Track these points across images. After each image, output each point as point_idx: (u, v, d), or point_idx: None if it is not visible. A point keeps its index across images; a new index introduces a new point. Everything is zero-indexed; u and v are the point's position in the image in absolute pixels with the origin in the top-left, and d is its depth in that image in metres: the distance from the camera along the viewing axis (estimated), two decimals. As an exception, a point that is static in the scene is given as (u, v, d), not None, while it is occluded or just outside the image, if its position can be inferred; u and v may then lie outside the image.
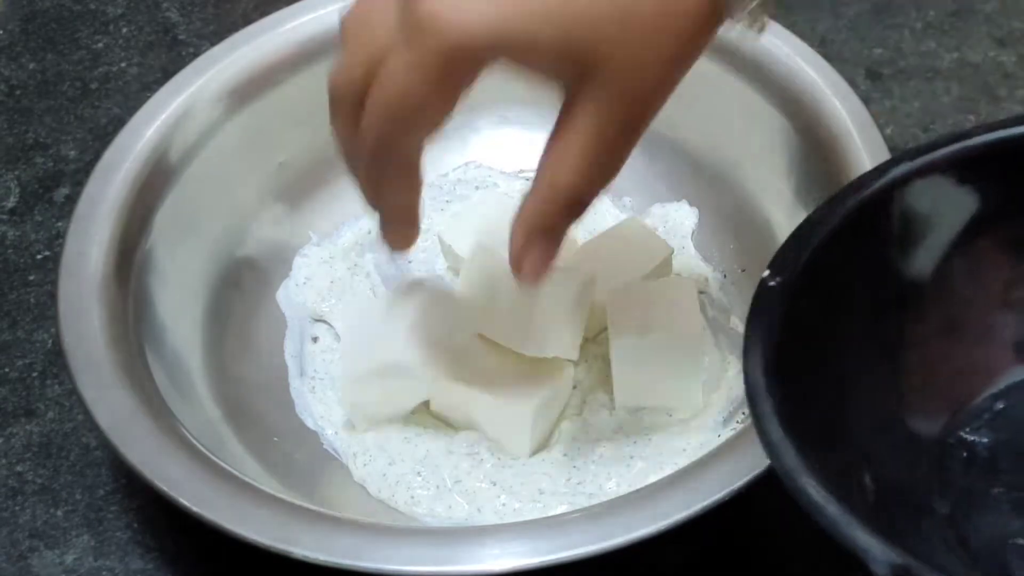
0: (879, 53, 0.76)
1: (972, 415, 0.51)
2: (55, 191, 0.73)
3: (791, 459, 0.43)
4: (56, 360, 0.65)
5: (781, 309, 0.47)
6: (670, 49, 0.48)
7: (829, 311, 0.48)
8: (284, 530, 0.52)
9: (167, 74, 0.69)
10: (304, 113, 0.68)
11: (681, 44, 0.48)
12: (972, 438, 0.51)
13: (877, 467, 0.48)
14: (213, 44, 0.69)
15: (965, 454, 0.51)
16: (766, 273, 0.48)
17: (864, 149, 0.61)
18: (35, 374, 0.66)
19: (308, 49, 0.69)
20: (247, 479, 0.55)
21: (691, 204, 0.68)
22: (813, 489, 0.42)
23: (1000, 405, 0.51)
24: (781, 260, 0.48)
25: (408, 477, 0.59)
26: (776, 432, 0.43)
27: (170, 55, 0.80)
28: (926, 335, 0.51)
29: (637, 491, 0.54)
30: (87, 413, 0.56)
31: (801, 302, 0.47)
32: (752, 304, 0.47)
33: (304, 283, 0.67)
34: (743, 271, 0.65)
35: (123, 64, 0.80)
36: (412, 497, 0.59)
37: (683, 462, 0.57)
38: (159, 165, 0.64)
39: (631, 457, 0.59)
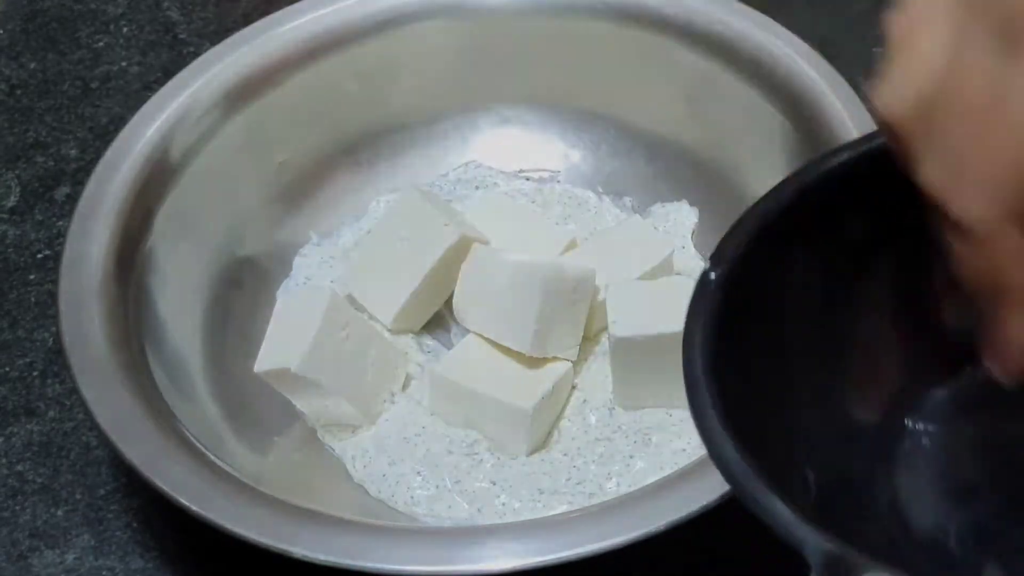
0: (881, 52, 0.75)
1: (915, 404, 0.51)
2: (56, 190, 0.73)
3: (729, 452, 0.42)
4: (56, 359, 0.65)
5: (720, 301, 0.46)
6: None
7: (768, 301, 0.48)
8: (284, 529, 0.52)
9: (168, 73, 0.70)
10: (304, 113, 0.69)
11: None
12: (916, 426, 0.50)
13: (820, 458, 0.48)
14: (213, 44, 0.69)
15: (908, 443, 0.50)
16: (706, 266, 0.47)
17: None
18: (35, 373, 0.66)
19: (308, 49, 0.69)
20: (247, 479, 0.54)
21: (691, 204, 0.68)
22: (750, 480, 0.42)
23: (943, 393, 0.51)
24: (720, 252, 0.48)
25: (408, 477, 0.59)
26: (715, 427, 0.43)
27: (171, 54, 0.79)
28: (868, 325, 0.50)
29: (637, 491, 0.54)
30: (88, 413, 0.56)
31: (740, 293, 0.47)
32: (692, 297, 0.47)
33: (304, 283, 0.67)
34: None
35: (124, 63, 0.79)
36: (412, 497, 0.59)
37: (683, 462, 0.57)
38: (160, 165, 0.64)
39: (631, 457, 0.59)
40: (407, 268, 0.62)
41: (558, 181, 0.70)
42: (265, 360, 0.60)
